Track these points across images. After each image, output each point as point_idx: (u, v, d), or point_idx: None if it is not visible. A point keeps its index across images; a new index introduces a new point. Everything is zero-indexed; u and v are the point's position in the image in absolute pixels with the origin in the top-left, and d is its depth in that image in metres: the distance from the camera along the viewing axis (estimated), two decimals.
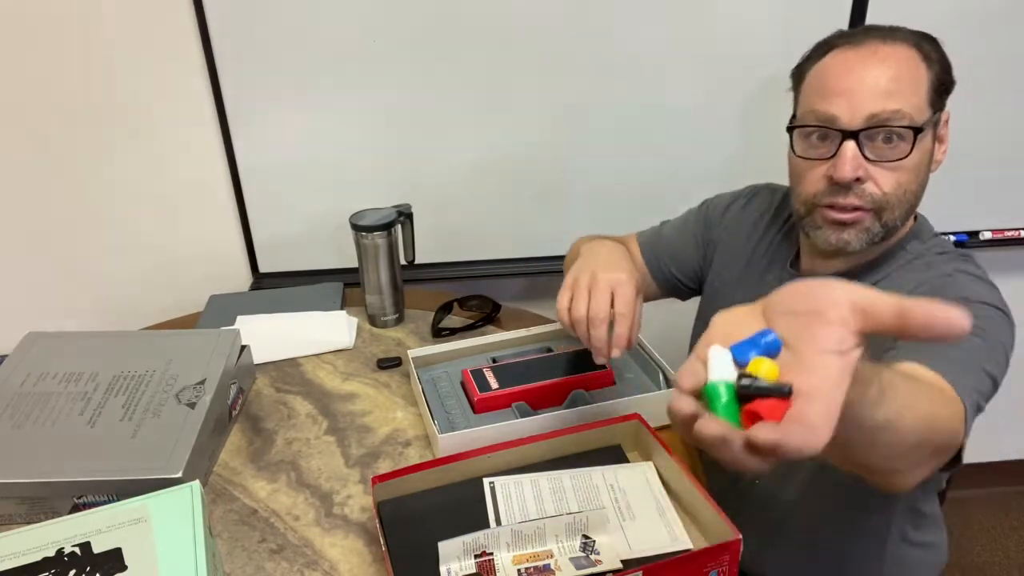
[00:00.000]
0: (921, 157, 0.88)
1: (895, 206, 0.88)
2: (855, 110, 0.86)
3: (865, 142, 0.86)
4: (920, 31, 0.92)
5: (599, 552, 0.83)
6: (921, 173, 0.89)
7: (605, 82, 1.46)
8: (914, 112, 0.85)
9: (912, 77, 0.86)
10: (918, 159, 0.87)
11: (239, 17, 1.37)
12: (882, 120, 0.85)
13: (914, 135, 0.85)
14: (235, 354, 1.14)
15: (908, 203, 0.90)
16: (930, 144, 0.89)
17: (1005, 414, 1.90)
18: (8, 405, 1.01)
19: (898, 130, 0.85)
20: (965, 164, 1.58)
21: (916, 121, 0.85)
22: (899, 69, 0.86)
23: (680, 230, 1.22)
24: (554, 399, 1.09)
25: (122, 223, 1.55)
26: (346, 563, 0.90)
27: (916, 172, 0.88)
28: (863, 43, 0.88)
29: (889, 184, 0.87)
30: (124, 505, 0.80)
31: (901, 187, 0.88)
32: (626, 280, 0.92)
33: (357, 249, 1.31)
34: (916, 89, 0.86)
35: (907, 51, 0.87)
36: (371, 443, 1.08)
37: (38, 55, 1.39)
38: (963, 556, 1.89)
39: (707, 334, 0.51)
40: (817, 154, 0.90)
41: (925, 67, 0.87)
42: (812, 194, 0.91)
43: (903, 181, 0.87)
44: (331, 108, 1.45)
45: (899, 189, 0.88)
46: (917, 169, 0.88)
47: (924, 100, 0.87)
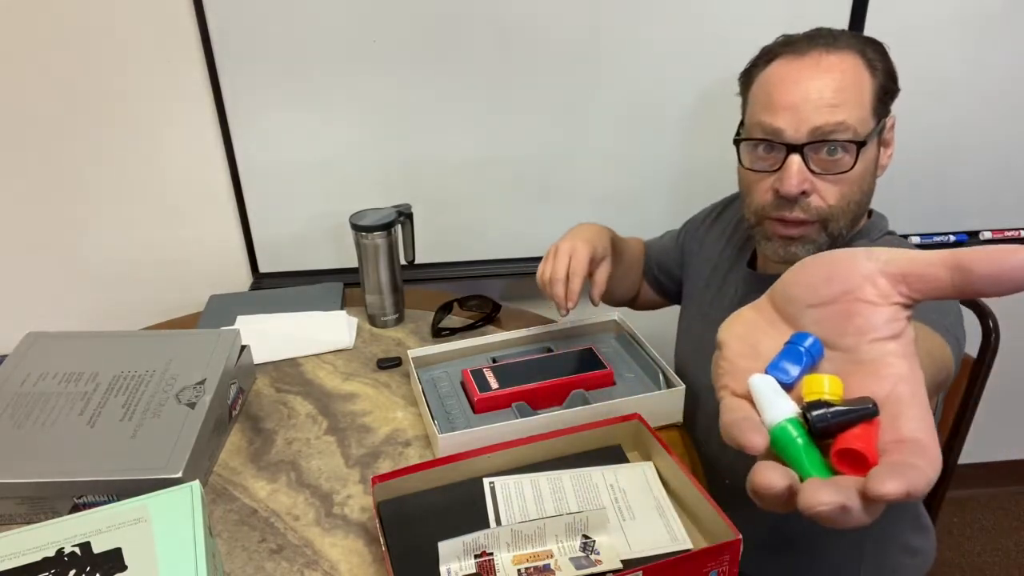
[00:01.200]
0: (866, 167, 0.88)
1: (840, 217, 0.90)
2: (800, 123, 0.86)
3: (810, 155, 0.87)
4: (866, 36, 0.91)
5: (599, 552, 0.83)
6: (865, 182, 0.90)
7: (605, 82, 1.46)
8: (858, 124, 0.86)
9: (857, 87, 0.86)
10: (862, 170, 0.88)
11: (239, 17, 1.37)
12: (826, 133, 0.85)
13: (857, 149, 0.85)
14: (235, 354, 1.14)
15: (853, 212, 0.91)
16: (875, 152, 0.89)
17: (1005, 414, 1.91)
18: (8, 405, 1.02)
19: (842, 143, 0.86)
20: (965, 164, 1.58)
21: (860, 133, 0.85)
22: (843, 80, 0.85)
23: (671, 239, 1.30)
24: (554, 399, 1.09)
25: (122, 223, 1.55)
26: (346, 563, 0.90)
27: (860, 182, 0.89)
28: (807, 53, 0.88)
29: (834, 196, 0.88)
30: (124, 505, 0.80)
31: (845, 198, 0.89)
32: (580, 245, 1.03)
33: (357, 249, 1.31)
34: (860, 99, 0.86)
35: (852, 59, 0.87)
36: (371, 443, 1.08)
37: (38, 55, 1.39)
38: (963, 556, 1.89)
39: (724, 357, 0.43)
40: (764, 166, 0.91)
41: (869, 75, 0.87)
42: (760, 206, 0.93)
43: (847, 192, 0.88)
44: (331, 108, 1.45)
45: (843, 200, 0.89)
46: (861, 179, 0.88)
47: (868, 110, 0.86)
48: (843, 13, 1.43)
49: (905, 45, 1.48)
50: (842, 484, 0.34)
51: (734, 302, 1.06)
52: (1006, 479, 2.05)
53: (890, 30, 1.44)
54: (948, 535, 1.95)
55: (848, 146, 0.86)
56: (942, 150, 1.57)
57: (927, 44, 1.46)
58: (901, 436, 0.35)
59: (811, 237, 0.91)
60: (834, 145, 0.86)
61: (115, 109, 1.45)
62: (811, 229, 0.91)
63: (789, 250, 0.93)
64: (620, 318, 1.26)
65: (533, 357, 1.16)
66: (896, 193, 1.60)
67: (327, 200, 1.53)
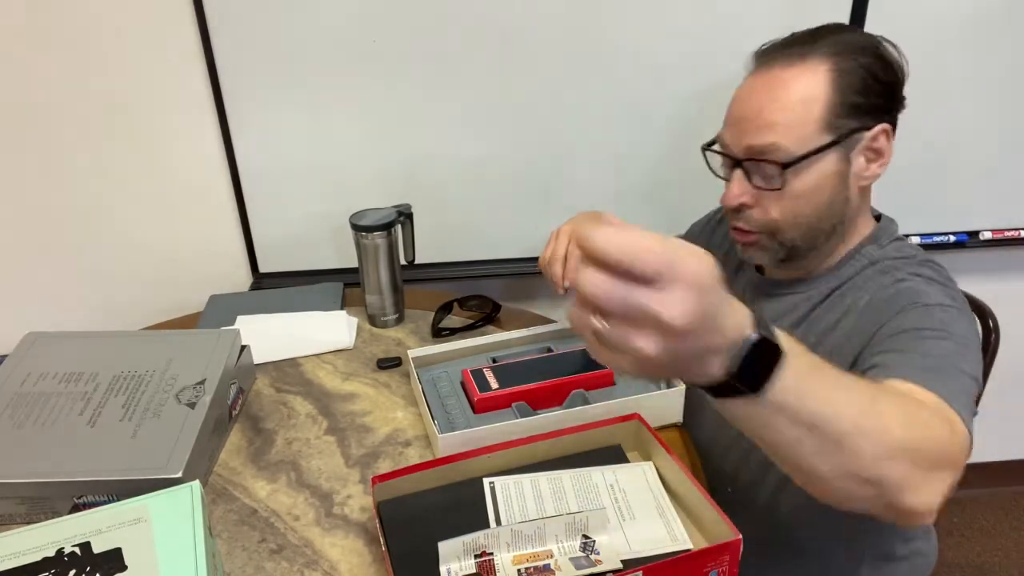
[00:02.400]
0: (812, 183, 0.87)
1: (787, 229, 0.90)
2: (738, 140, 0.89)
3: (752, 169, 0.89)
4: (860, 42, 0.89)
5: (599, 552, 0.83)
6: (817, 197, 0.89)
7: (605, 81, 1.46)
8: (793, 144, 0.85)
9: (803, 105, 0.85)
10: (806, 185, 0.87)
11: (239, 18, 1.37)
12: (756, 152, 0.87)
13: (782, 169, 0.86)
14: (235, 354, 1.14)
15: (805, 226, 0.90)
16: (834, 167, 0.88)
17: (1005, 414, 1.91)
18: (8, 405, 1.01)
19: (771, 163, 0.87)
20: (965, 164, 1.58)
21: (793, 154, 0.85)
22: (787, 99, 0.86)
23: None
24: (554, 399, 1.09)
25: (122, 223, 1.55)
26: (346, 563, 0.90)
27: (808, 197, 0.88)
28: (770, 68, 0.88)
29: (776, 211, 0.90)
30: (124, 505, 0.80)
31: (790, 213, 0.89)
32: (572, 229, 1.08)
33: (357, 249, 1.31)
34: (802, 118, 0.85)
35: (812, 76, 0.86)
36: (371, 443, 1.08)
37: (38, 56, 1.39)
38: (963, 556, 1.89)
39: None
40: (723, 173, 0.96)
41: (830, 88, 0.85)
42: (724, 210, 0.95)
43: (791, 207, 0.89)
44: (331, 108, 1.45)
45: (788, 215, 0.89)
46: (809, 195, 0.88)
47: (814, 127, 0.86)
48: (843, 13, 1.43)
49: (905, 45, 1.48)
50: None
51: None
52: (1006, 479, 2.05)
53: (890, 30, 1.44)
54: (948, 535, 1.95)
55: (773, 167, 0.87)
56: (942, 150, 1.56)
57: (927, 44, 1.46)
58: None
59: (762, 244, 0.93)
60: (767, 164, 0.87)
61: (115, 109, 1.44)
62: (759, 238, 0.93)
63: (747, 252, 0.96)
64: None
65: (533, 357, 1.16)
66: (896, 193, 1.60)
67: (327, 200, 1.53)
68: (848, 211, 0.91)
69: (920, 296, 0.86)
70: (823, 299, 0.95)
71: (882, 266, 0.93)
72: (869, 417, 0.62)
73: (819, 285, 0.97)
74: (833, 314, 0.92)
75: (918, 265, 0.92)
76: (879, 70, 0.88)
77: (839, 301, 0.93)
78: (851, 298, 0.92)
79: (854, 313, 0.90)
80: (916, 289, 0.87)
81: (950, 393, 0.73)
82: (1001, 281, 1.79)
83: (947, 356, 0.79)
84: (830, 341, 0.91)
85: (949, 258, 1.71)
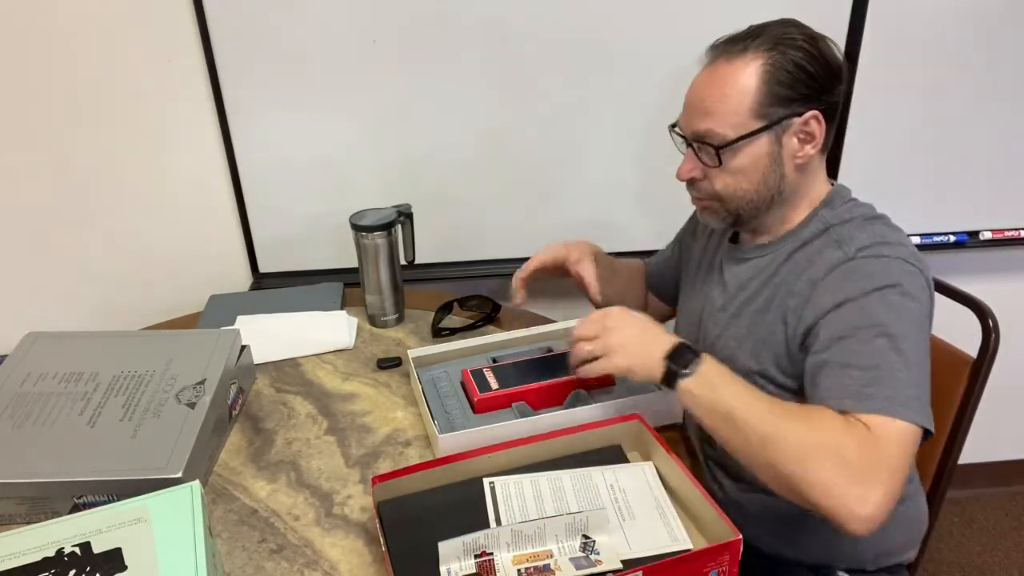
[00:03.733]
0: (747, 162, 0.99)
1: (731, 200, 1.03)
2: (687, 125, 1.04)
3: (699, 148, 1.02)
4: (794, 37, 0.97)
5: (599, 552, 0.83)
6: (753, 174, 1.00)
7: (605, 81, 1.46)
8: (728, 129, 0.98)
9: (737, 95, 0.97)
10: (742, 164, 1.00)
11: (239, 17, 1.37)
12: (698, 136, 1.01)
13: (716, 151, 0.99)
14: (235, 354, 1.14)
15: (747, 198, 1.02)
16: (766, 148, 0.99)
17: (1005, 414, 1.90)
18: (8, 405, 1.02)
19: (707, 145, 1.00)
20: (965, 164, 1.58)
21: (727, 137, 0.98)
22: (723, 91, 0.98)
23: (669, 248, 1.36)
24: (554, 399, 1.09)
25: (122, 223, 1.55)
26: (346, 563, 0.90)
27: (745, 173, 1.00)
28: (715, 61, 1.00)
29: (719, 184, 1.02)
30: (124, 505, 0.80)
31: (730, 187, 1.02)
32: (543, 249, 1.27)
33: (357, 249, 1.31)
34: (735, 107, 0.97)
35: (745, 68, 0.97)
36: (371, 443, 1.08)
37: (38, 56, 1.39)
38: (963, 556, 1.89)
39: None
40: (683, 151, 1.08)
41: (760, 80, 0.96)
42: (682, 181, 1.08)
43: (730, 182, 1.01)
44: (331, 108, 1.45)
45: (728, 188, 1.02)
46: (745, 171, 1.00)
47: (745, 115, 0.97)
48: (843, 13, 1.43)
49: (905, 45, 1.48)
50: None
51: (720, 275, 1.14)
52: (1006, 479, 2.05)
53: (890, 30, 1.44)
54: (948, 535, 1.95)
55: (709, 149, 1.00)
56: (942, 150, 1.57)
57: (927, 44, 1.46)
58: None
59: (714, 210, 1.06)
60: (706, 145, 1.01)
61: (115, 109, 1.45)
62: (711, 204, 1.06)
63: (703, 217, 1.09)
64: None
65: (533, 357, 1.16)
66: (896, 193, 1.61)
67: (327, 200, 1.53)
68: (785, 185, 1.02)
69: (868, 279, 0.93)
70: (786, 259, 1.04)
71: (836, 234, 1.00)
72: (776, 419, 0.86)
73: (782, 247, 1.06)
74: (794, 274, 1.01)
75: (865, 233, 0.98)
76: (809, 63, 0.96)
77: (800, 260, 1.02)
78: (807, 259, 1.01)
79: (810, 280, 0.99)
80: (864, 271, 0.94)
81: (882, 405, 0.85)
82: (1001, 281, 1.79)
83: (879, 362, 0.88)
84: (792, 300, 1.00)
85: (949, 258, 1.72)
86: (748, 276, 1.08)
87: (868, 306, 0.91)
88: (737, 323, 1.07)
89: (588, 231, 1.37)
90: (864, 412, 0.85)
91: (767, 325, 1.02)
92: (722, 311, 1.10)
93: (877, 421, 0.84)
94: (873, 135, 1.54)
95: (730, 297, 1.09)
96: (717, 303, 1.12)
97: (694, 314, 1.18)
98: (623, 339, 0.98)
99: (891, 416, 0.84)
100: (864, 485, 0.80)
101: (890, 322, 0.90)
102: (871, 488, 0.80)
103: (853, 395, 0.86)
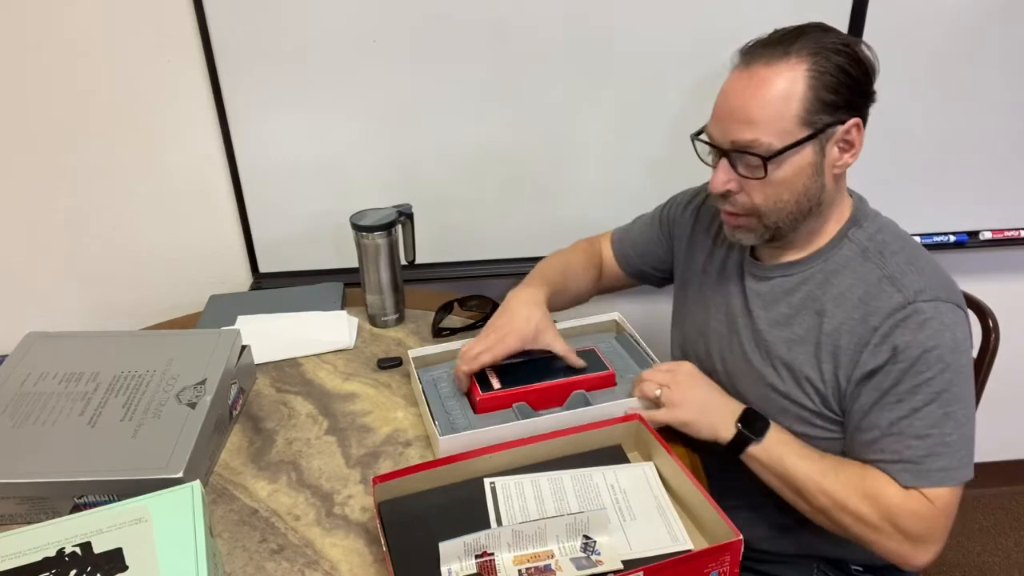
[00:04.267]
0: (790, 173, 0.95)
1: (770, 213, 0.98)
2: (723, 135, 0.97)
3: (736, 159, 0.97)
4: (835, 41, 0.94)
5: (600, 552, 0.83)
6: (795, 185, 0.96)
7: (604, 81, 1.46)
8: (774, 139, 0.93)
9: (782, 102, 0.92)
10: (786, 175, 0.95)
11: (239, 17, 1.37)
12: (740, 147, 0.95)
13: (764, 162, 0.94)
14: (235, 354, 1.14)
15: (786, 210, 0.98)
16: (810, 158, 0.95)
17: (1005, 414, 1.91)
18: (8, 405, 1.01)
19: (753, 155, 0.95)
20: (965, 164, 1.58)
21: (773, 147, 0.93)
22: (767, 97, 0.93)
23: (648, 226, 1.31)
24: (555, 399, 1.09)
25: (122, 223, 1.55)
26: (347, 563, 0.90)
27: (787, 185, 0.96)
28: (750, 65, 0.95)
29: (759, 196, 0.97)
30: (125, 505, 0.80)
31: (770, 199, 0.97)
32: (496, 346, 1.09)
33: (358, 249, 1.31)
34: (782, 114, 0.92)
35: (790, 73, 0.92)
36: (371, 443, 1.08)
37: (38, 56, 1.39)
38: (963, 556, 1.90)
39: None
40: (711, 161, 1.03)
41: (806, 86, 0.92)
42: (711, 194, 1.02)
43: (771, 194, 0.96)
44: (331, 108, 1.45)
45: (769, 200, 0.97)
46: (788, 182, 0.95)
47: (792, 123, 0.93)
48: (843, 13, 1.43)
49: (905, 45, 1.48)
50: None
51: (740, 289, 1.10)
52: (1006, 479, 2.06)
53: (890, 30, 1.44)
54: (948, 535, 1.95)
55: (756, 160, 0.95)
56: (942, 150, 1.57)
57: (927, 44, 1.46)
58: None
59: (750, 226, 1.01)
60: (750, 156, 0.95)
61: (115, 109, 1.44)
62: (748, 220, 1.01)
63: (735, 234, 1.04)
64: (620, 318, 1.26)
65: (534, 357, 1.16)
66: (896, 193, 1.61)
67: (327, 200, 1.53)
68: (824, 196, 0.99)
69: (917, 342, 0.92)
70: (821, 284, 1.01)
71: (880, 262, 0.98)
72: (840, 490, 0.94)
73: (811, 268, 1.03)
74: (841, 308, 0.98)
75: (904, 272, 0.97)
76: (852, 68, 0.93)
77: (843, 289, 0.99)
78: (852, 290, 0.98)
79: (864, 320, 0.96)
80: (914, 332, 0.93)
81: (939, 478, 0.92)
82: (1001, 281, 1.79)
83: (934, 431, 0.92)
84: (844, 339, 0.97)
85: (949, 258, 1.72)
86: (773, 297, 1.05)
87: (925, 367, 0.92)
88: (762, 345, 1.05)
89: (588, 231, 1.37)
90: (922, 487, 0.92)
91: (804, 356, 1.00)
92: (744, 329, 1.08)
93: (934, 494, 0.92)
94: (873, 135, 1.53)
95: (752, 316, 1.07)
96: (736, 321, 1.09)
97: (700, 323, 1.16)
98: (691, 395, 1.02)
99: (946, 486, 0.92)
100: (925, 546, 0.93)
101: (945, 384, 0.92)
102: (931, 547, 0.93)
103: (911, 469, 0.92)
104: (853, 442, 0.98)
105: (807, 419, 1.01)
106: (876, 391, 0.94)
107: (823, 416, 1.00)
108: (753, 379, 1.05)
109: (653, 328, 1.40)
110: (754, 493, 1.03)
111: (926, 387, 0.92)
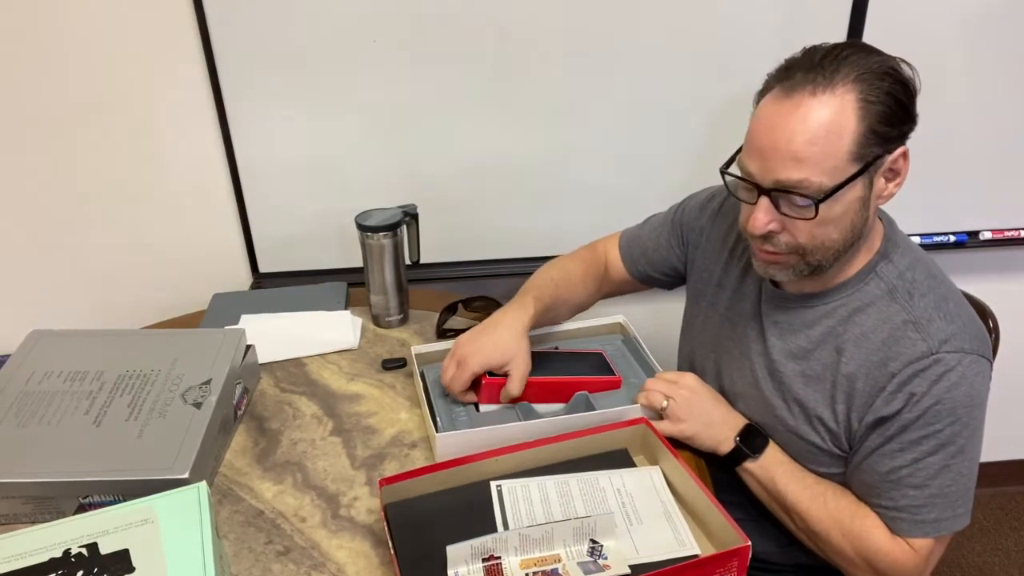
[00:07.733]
0: (840, 210, 0.88)
1: (814, 252, 0.91)
2: (766, 172, 0.88)
3: (779, 197, 0.89)
4: (879, 64, 0.87)
5: (607, 557, 0.83)
6: (843, 222, 0.90)
7: (606, 82, 1.46)
8: (824, 177, 0.85)
9: (834, 136, 0.85)
10: (835, 213, 0.88)
11: (239, 17, 1.36)
12: (787, 187, 0.86)
13: (816, 204, 0.86)
14: (240, 354, 1.13)
15: (832, 248, 0.92)
16: (859, 193, 0.88)
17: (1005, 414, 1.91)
18: (13, 404, 1.01)
19: (802, 196, 0.87)
20: (965, 164, 1.58)
21: (825, 187, 0.85)
22: (816, 131, 0.84)
23: (658, 230, 1.25)
24: (558, 395, 1.09)
25: (122, 223, 1.54)
26: (353, 566, 0.90)
27: (836, 223, 0.89)
28: (793, 93, 0.86)
29: (803, 236, 0.90)
30: (131, 506, 0.80)
31: (816, 238, 0.90)
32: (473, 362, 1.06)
33: (362, 249, 1.31)
34: (832, 151, 0.85)
35: (839, 102, 0.85)
36: (377, 444, 1.08)
37: (38, 56, 1.38)
38: (963, 556, 1.90)
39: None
40: (744, 197, 0.94)
41: (857, 118, 0.85)
42: (743, 228, 0.95)
43: (818, 233, 0.90)
44: (331, 108, 1.45)
45: (814, 240, 0.90)
46: (837, 220, 0.89)
47: (844, 159, 0.85)
48: (843, 13, 1.43)
49: (904, 45, 1.47)
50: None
51: (756, 312, 1.07)
52: (1006, 479, 2.06)
53: (890, 30, 1.44)
54: None
55: (807, 201, 0.87)
56: (942, 150, 1.57)
57: (927, 44, 1.46)
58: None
59: (789, 264, 0.94)
60: (798, 196, 0.87)
61: (115, 109, 1.44)
62: (788, 258, 0.94)
63: (769, 271, 0.97)
64: (625, 321, 1.26)
65: (541, 350, 1.15)
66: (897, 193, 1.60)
67: (328, 200, 1.52)
68: (866, 229, 0.93)
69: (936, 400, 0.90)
70: (844, 322, 0.97)
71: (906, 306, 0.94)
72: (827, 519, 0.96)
73: (834, 302, 0.98)
74: (861, 349, 0.95)
75: (934, 291, 0.94)
76: (900, 93, 0.87)
77: (866, 330, 0.95)
78: (875, 333, 0.94)
79: (883, 365, 0.93)
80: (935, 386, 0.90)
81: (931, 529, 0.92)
82: (1001, 281, 1.79)
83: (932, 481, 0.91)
84: (861, 383, 0.95)
85: (949, 258, 1.72)
86: (791, 327, 1.01)
87: (935, 419, 0.90)
88: (776, 376, 1.02)
89: (589, 232, 1.36)
90: (914, 538, 0.92)
91: (819, 395, 0.98)
92: (757, 356, 1.05)
93: (920, 543, 0.92)
94: None
95: (767, 344, 1.03)
96: (749, 346, 1.06)
97: (711, 340, 1.14)
98: (695, 410, 1.03)
99: (936, 537, 0.93)
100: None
101: (952, 437, 0.90)
102: None
103: (906, 519, 0.92)
104: (852, 479, 0.98)
105: (815, 456, 1.00)
106: (881, 437, 0.93)
107: (831, 454, 0.99)
108: (762, 408, 1.04)
109: (660, 330, 1.39)
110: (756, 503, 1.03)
111: (933, 439, 0.90)
